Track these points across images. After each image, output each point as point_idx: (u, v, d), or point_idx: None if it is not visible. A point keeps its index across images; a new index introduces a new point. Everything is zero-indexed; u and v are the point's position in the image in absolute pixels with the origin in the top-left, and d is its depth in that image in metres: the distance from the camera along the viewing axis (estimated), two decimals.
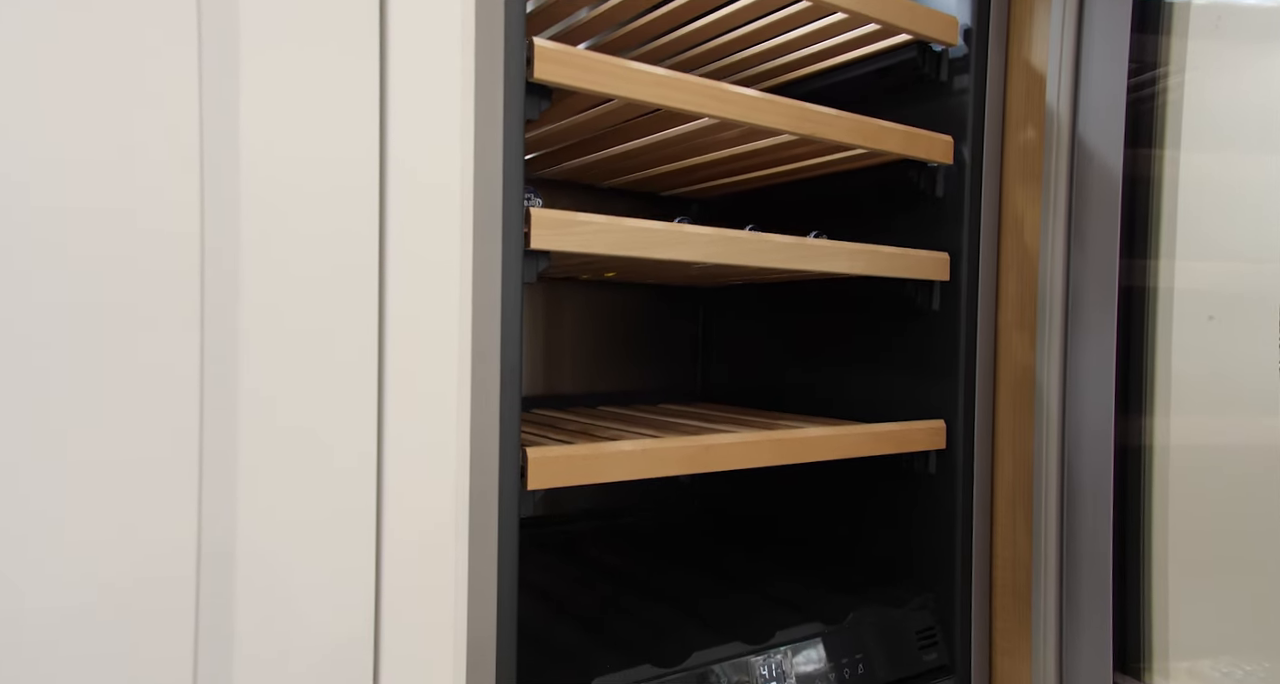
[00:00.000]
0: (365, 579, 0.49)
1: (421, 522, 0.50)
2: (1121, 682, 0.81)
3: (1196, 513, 0.79)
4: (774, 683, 0.69)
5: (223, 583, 0.44)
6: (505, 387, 0.55)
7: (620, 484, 1.13)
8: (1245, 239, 0.75)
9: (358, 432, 0.48)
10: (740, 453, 0.67)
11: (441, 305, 0.51)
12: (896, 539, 0.87)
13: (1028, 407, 0.82)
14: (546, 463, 0.56)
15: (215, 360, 0.44)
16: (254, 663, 0.44)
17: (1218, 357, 0.77)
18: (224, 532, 0.44)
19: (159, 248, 0.42)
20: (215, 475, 0.44)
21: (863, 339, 0.91)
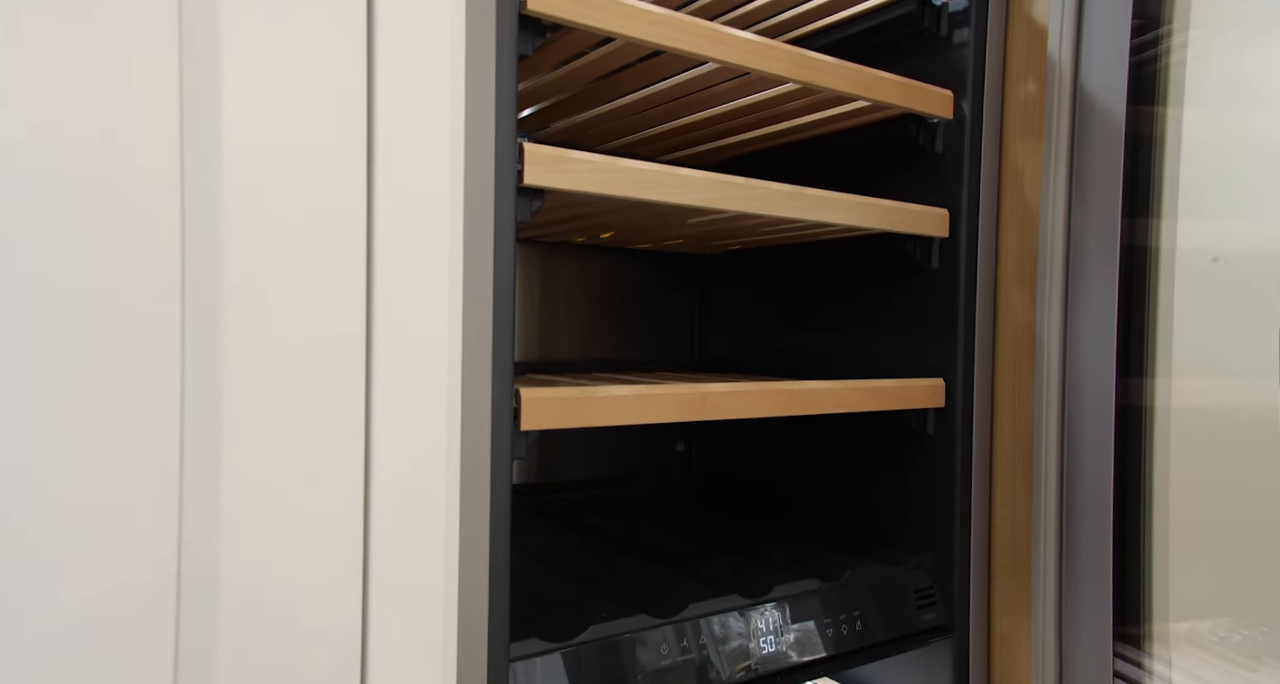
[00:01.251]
0: (354, 519, 0.48)
1: (411, 462, 0.49)
2: (1121, 650, 0.81)
3: (1198, 473, 0.78)
4: (770, 636, 0.68)
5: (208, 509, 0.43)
6: (498, 326, 0.54)
7: (616, 453, 1.12)
8: (1249, 196, 0.75)
9: (347, 369, 0.47)
10: (738, 403, 0.66)
11: (432, 243, 0.50)
12: (896, 501, 0.86)
13: (1028, 365, 0.82)
14: (539, 403, 0.55)
15: (197, 310, 0.43)
16: (237, 595, 0.43)
17: (1221, 315, 0.76)
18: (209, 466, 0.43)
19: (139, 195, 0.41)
20: (198, 416, 0.43)
21: (862, 301, 0.90)
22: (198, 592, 0.42)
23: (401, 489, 0.49)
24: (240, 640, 0.44)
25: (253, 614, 0.44)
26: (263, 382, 0.44)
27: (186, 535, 0.42)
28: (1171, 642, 0.80)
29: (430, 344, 0.50)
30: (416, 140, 0.49)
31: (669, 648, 0.63)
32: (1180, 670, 0.78)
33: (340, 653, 0.47)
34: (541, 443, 1.06)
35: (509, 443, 0.55)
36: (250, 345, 0.44)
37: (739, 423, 1.08)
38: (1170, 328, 0.80)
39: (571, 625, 0.60)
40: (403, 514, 0.49)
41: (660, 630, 0.63)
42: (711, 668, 0.64)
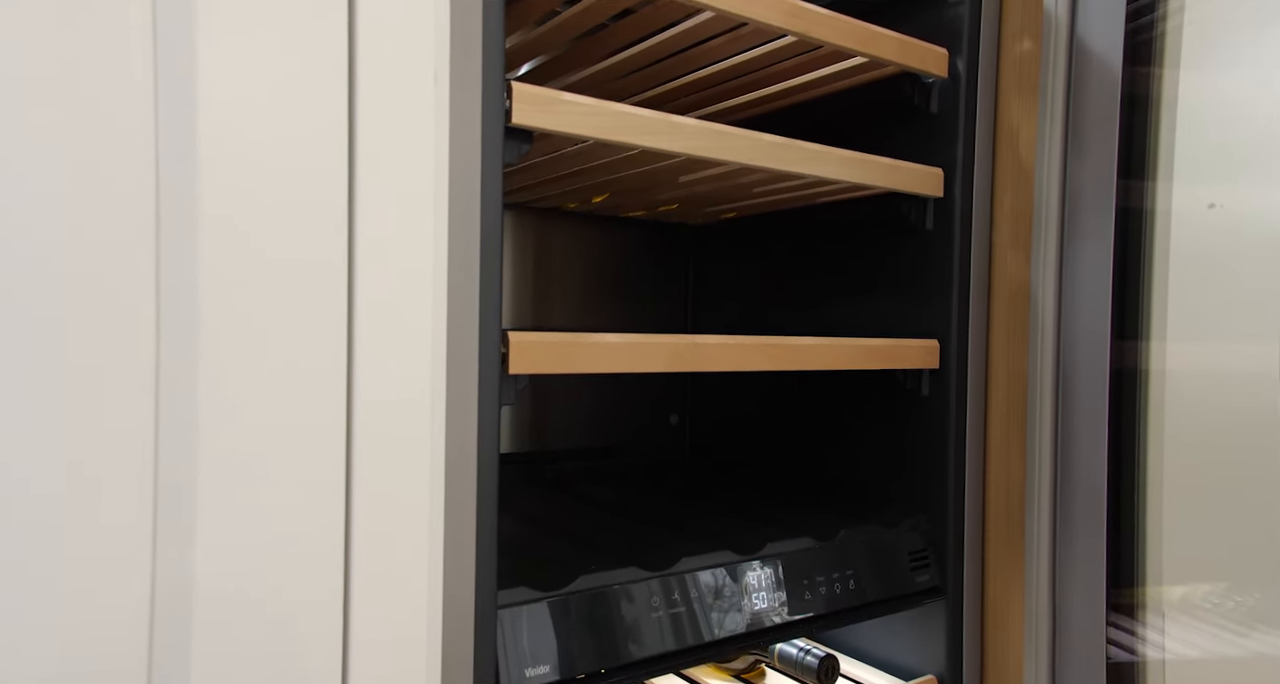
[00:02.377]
0: (336, 464, 0.47)
1: (396, 405, 0.49)
2: (1115, 612, 0.80)
3: (1193, 435, 0.77)
4: (763, 593, 0.68)
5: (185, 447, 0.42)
6: (485, 268, 0.53)
7: (609, 424, 1.12)
8: (1248, 157, 0.74)
9: (330, 314, 0.46)
10: (729, 355, 0.65)
11: (417, 185, 0.49)
12: (890, 465, 0.86)
13: (1023, 326, 0.81)
14: (529, 347, 0.55)
15: (173, 253, 0.42)
16: (218, 508, 0.43)
17: (1217, 279, 0.76)
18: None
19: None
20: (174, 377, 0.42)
21: (856, 267, 0.89)
22: (177, 514, 0.42)
23: (386, 433, 0.48)
24: (220, 574, 0.43)
25: (231, 552, 0.43)
26: (242, 316, 0.43)
27: (164, 463, 0.41)
28: (1165, 606, 0.79)
29: (416, 287, 0.49)
30: (400, 78, 0.48)
31: (659, 600, 0.62)
32: (1173, 634, 0.78)
33: (322, 599, 0.46)
34: (534, 411, 1.06)
35: (497, 387, 0.54)
36: (229, 279, 0.43)
37: (733, 394, 1.07)
38: (1165, 289, 0.79)
39: (561, 577, 0.59)
40: (387, 459, 0.48)
41: (651, 583, 0.62)
42: (702, 622, 0.63)
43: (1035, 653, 0.80)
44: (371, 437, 0.48)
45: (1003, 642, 0.81)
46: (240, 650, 0.43)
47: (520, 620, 0.55)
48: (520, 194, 0.90)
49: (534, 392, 1.06)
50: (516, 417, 1.05)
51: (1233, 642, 0.75)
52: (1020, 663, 0.81)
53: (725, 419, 1.09)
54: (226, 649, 0.43)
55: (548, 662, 0.56)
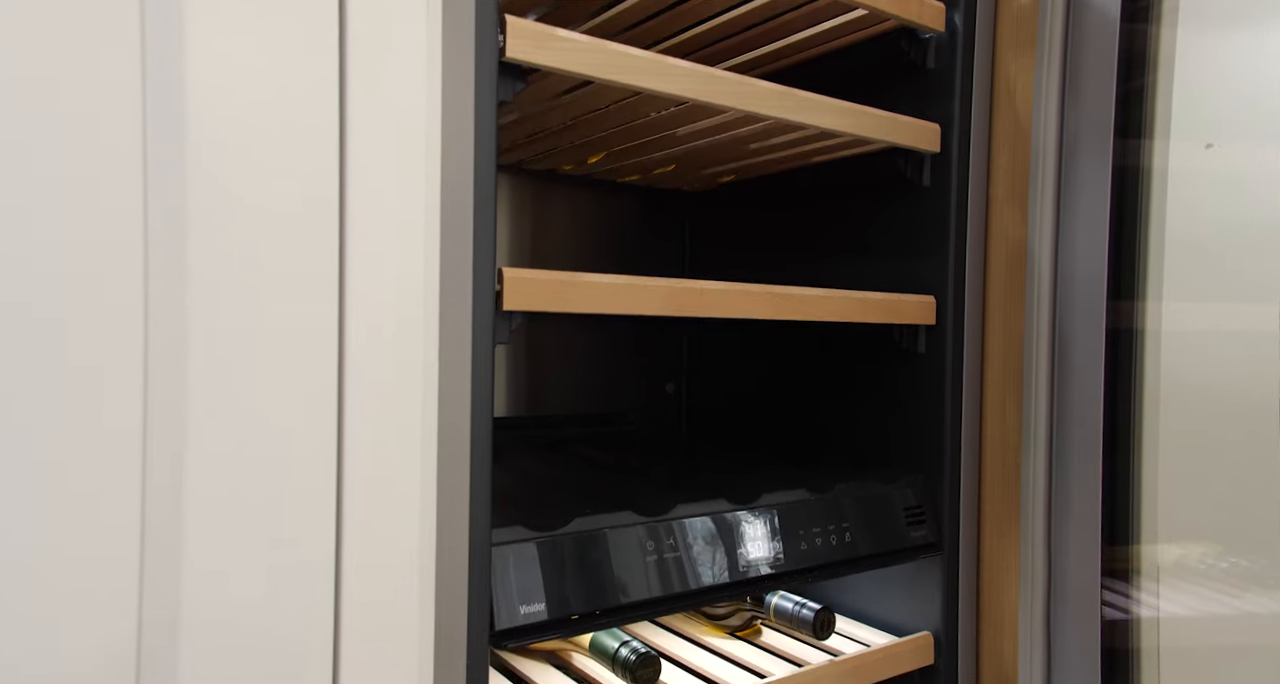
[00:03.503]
0: (328, 396, 0.47)
1: (389, 343, 0.48)
2: (1110, 570, 0.80)
3: (1189, 394, 0.77)
4: (758, 542, 0.68)
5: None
6: (479, 206, 0.53)
7: (606, 391, 1.11)
8: (1247, 115, 0.74)
9: (322, 253, 0.46)
10: (727, 301, 0.65)
11: (410, 120, 0.49)
12: (886, 425, 0.86)
13: (1019, 282, 0.81)
14: (523, 284, 0.54)
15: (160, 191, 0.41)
16: (207, 465, 0.42)
17: (1214, 233, 0.76)
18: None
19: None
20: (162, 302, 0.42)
21: (852, 226, 0.89)
22: (168, 424, 0.41)
23: (378, 373, 0.48)
24: (210, 513, 0.43)
25: (225, 478, 0.43)
26: (234, 257, 0.43)
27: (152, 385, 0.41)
28: (1160, 565, 0.79)
29: (409, 224, 0.49)
30: (393, 9, 0.48)
31: (654, 545, 0.62)
32: (1168, 592, 0.78)
33: (314, 539, 0.46)
34: (530, 378, 1.05)
35: (491, 324, 0.54)
36: (219, 222, 0.43)
37: (729, 362, 1.07)
38: (1162, 247, 0.79)
39: (556, 519, 0.59)
40: (380, 399, 0.48)
41: (646, 527, 0.62)
42: (696, 567, 0.63)
43: (1030, 609, 0.80)
44: (364, 377, 0.47)
45: (998, 598, 0.81)
46: (232, 569, 0.43)
47: (515, 558, 0.55)
48: (515, 152, 0.90)
49: (530, 358, 1.06)
50: (513, 382, 1.04)
51: (1227, 601, 0.75)
52: (1015, 619, 0.81)
53: (722, 387, 1.09)
54: (217, 587, 0.43)
55: (542, 600, 0.55)
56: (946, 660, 0.80)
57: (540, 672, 0.72)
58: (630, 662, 0.63)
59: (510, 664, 0.74)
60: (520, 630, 0.54)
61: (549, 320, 1.07)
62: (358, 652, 0.47)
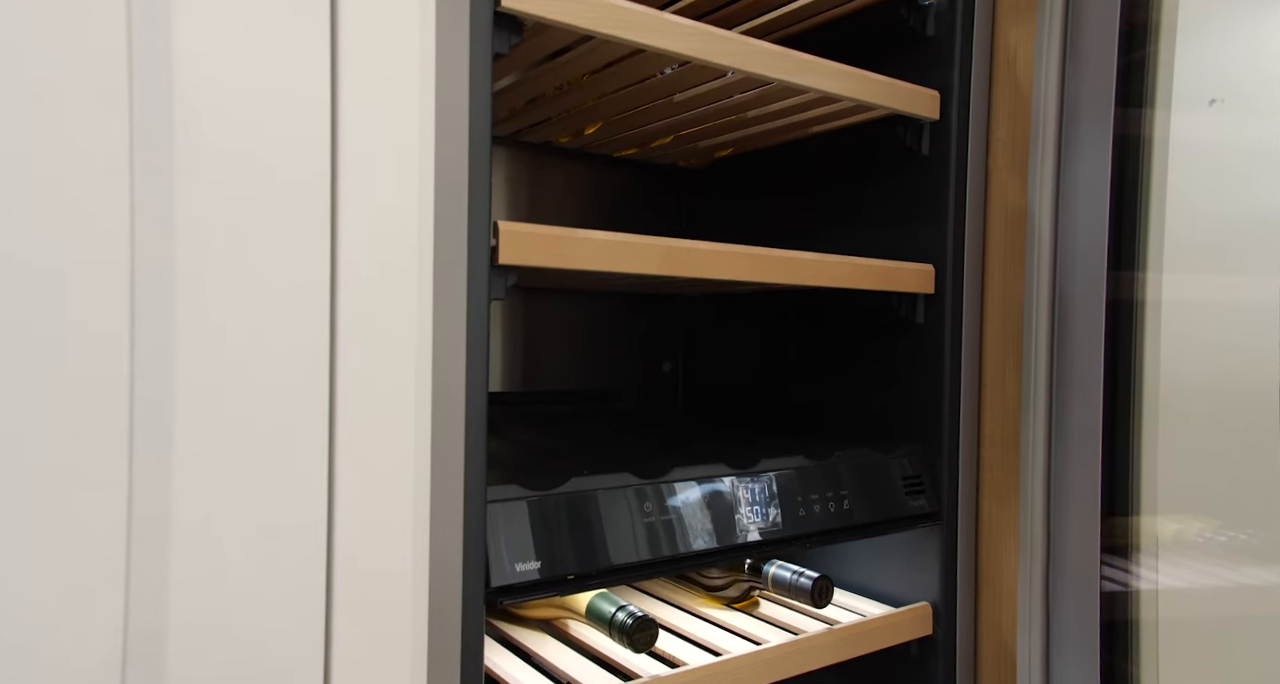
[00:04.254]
0: (320, 354, 0.46)
1: (384, 302, 0.48)
2: (1109, 541, 0.80)
3: (1190, 364, 0.77)
4: (756, 507, 0.67)
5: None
6: (474, 158, 0.52)
7: (602, 368, 1.11)
8: (1251, 81, 0.73)
9: (315, 209, 0.45)
10: (722, 262, 0.64)
11: (403, 72, 0.48)
12: (885, 397, 0.85)
13: (1019, 251, 0.80)
14: (519, 238, 0.54)
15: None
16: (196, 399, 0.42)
17: (1216, 204, 0.75)
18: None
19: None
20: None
21: (852, 197, 0.89)
22: (155, 378, 0.41)
23: (372, 330, 0.47)
24: (204, 450, 0.42)
25: (215, 434, 0.42)
26: (224, 211, 0.42)
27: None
28: (1160, 536, 0.79)
29: (403, 178, 0.48)
30: None
31: (652, 507, 0.61)
32: (1168, 563, 0.78)
33: (306, 496, 0.45)
34: (527, 355, 1.05)
35: (486, 279, 0.53)
36: (208, 175, 0.42)
37: (726, 340, 1.06)
38: (1163, 216, 0.78)
39: (553, 479, 0.59)
40: (374, 356, 0.47)
41: (643, 488, 0.61)
42: (692, 530, 0.63)
43: (1029, 580, 0.80)
44: (357, 332, 0.47)
45: (997, 569, 0.81)
46: (222, 530, 0.42)
47: (510, 516, 0.55)
48: (512, 122, 0.89)
49: (527, 334, 1.05)
50: (509, 358, 1.04)
51: (1226, 572, 0.75)
52: (1014, 590, 0.80)
53: (719, 366, 1.08)
54: (208, 551, 0.42)
55: (538, 559, 0.55)
56: (945, 631, 0.79)
57: (537, 641, 0.72)
58: (627, 626, 0.62)
59: (507, 633, 0.74)
60: (516, 588, 0.54)
61: (546, 296, 1.06)
62: (351, 609, 0.46)
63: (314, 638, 0.41)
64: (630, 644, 0.62)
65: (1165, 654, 0.78)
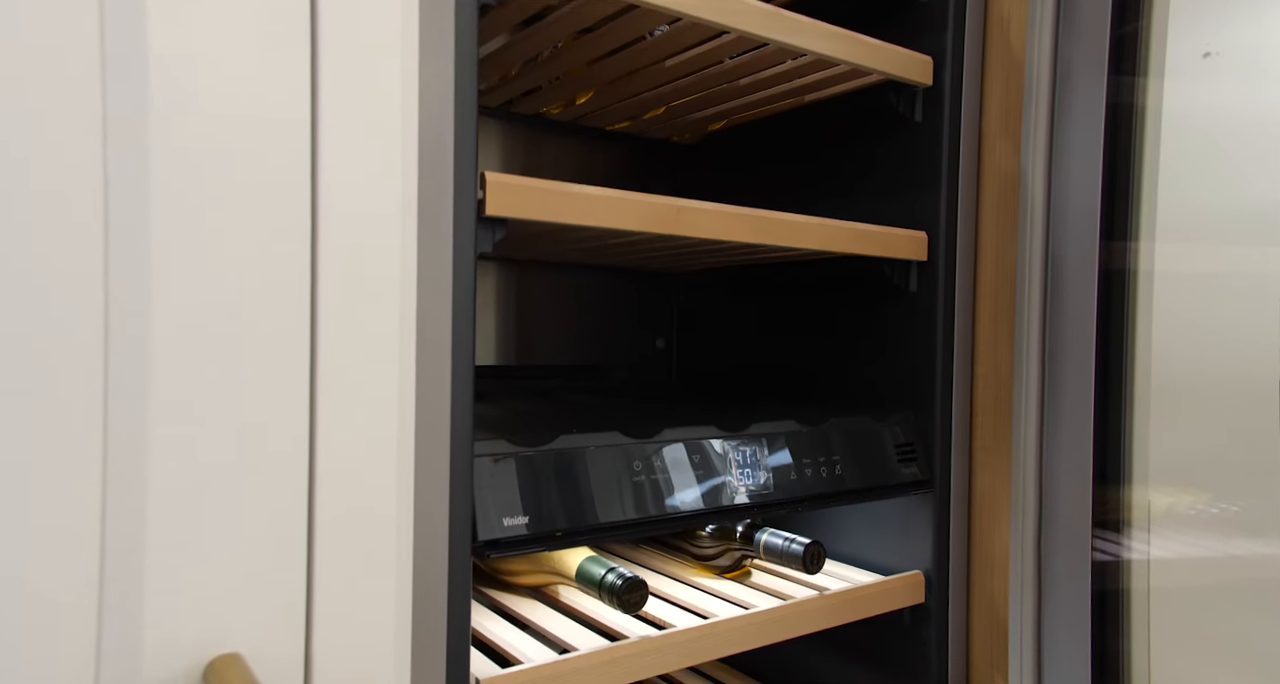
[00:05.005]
0: (301, 302, 0.45)
1: (369, 254, 0.47)
2: (1100, 509, 0.80)
3: (1183, 332, 0.77)
4: (746, 469, 0.67)
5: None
6: (460, 106, 0.52)
7: (595, 343, 1.10)
8: (1245, 45, 0.73)
9: (296, 161, 0.44)
10: (715, 222, 0.64)
11: (384, 21, 0.48)
12: (879, 365, 0.85)
13: (1012, 219, 0.80)
14: (507, 189, 0.53)
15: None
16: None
17: (1210, 174, 0.75)
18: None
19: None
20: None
21: (845, 167, 0.88)
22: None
23: (356, 283, 0.46)
24: (180, 399, 0.41)
25: (192, 381, 0.42)
26: (198, 162, 0.42)
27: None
28: (1151, 505, 0.79)
29: (385, 126, 0.48)
30: None
31: (641, 466, 0.61)
32: (1159, 533, 0.78)
33: (288, 450, 0.44)
34: (520, 329, 1.04)
35: (473, 231, 0.53)
36: (180, 128, 0.41)
37: (718, 315, 1.06)
38: (1155, 182, 0.78)
39: (543, 437, 0.58)
40: (356, 302, 0.47)
41: (633, 447, 0.61)
42: (682, 491, 0.62)
43: (1021, 548, 0.80)
44: (340, 282, 0.46)
45: (989, 536, 0.81)
46: (203, 477, 0.42)
47: (498, 471, 0.54)
48: (504, 89, 0.88)
49: (519, 309, 1.04)
50: (501, 333, 1.03)
51: (1217, 543, 0.75)
52: (1007, 559, 0.80)
53: (712, 343, 1.08)
54: (187, 502, 0.41)
55: (525, 514, 0.54)
56: (937, 598, 0.79)
57: (527, 607, 0.71)
58: (617, 587, 0.62)
59: (497, 601, 0.73)
60: (503, 542, 0.53)
61: (538, 271, 1.05)
62: (334, 562, 0.45)
63: (295, 586, 0.41)
64: (620, 605, 0.62)
65: (1156, 623, 0.78)
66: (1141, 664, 0.78)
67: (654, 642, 0.61)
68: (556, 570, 0.69)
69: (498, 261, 1.02)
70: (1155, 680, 0.78)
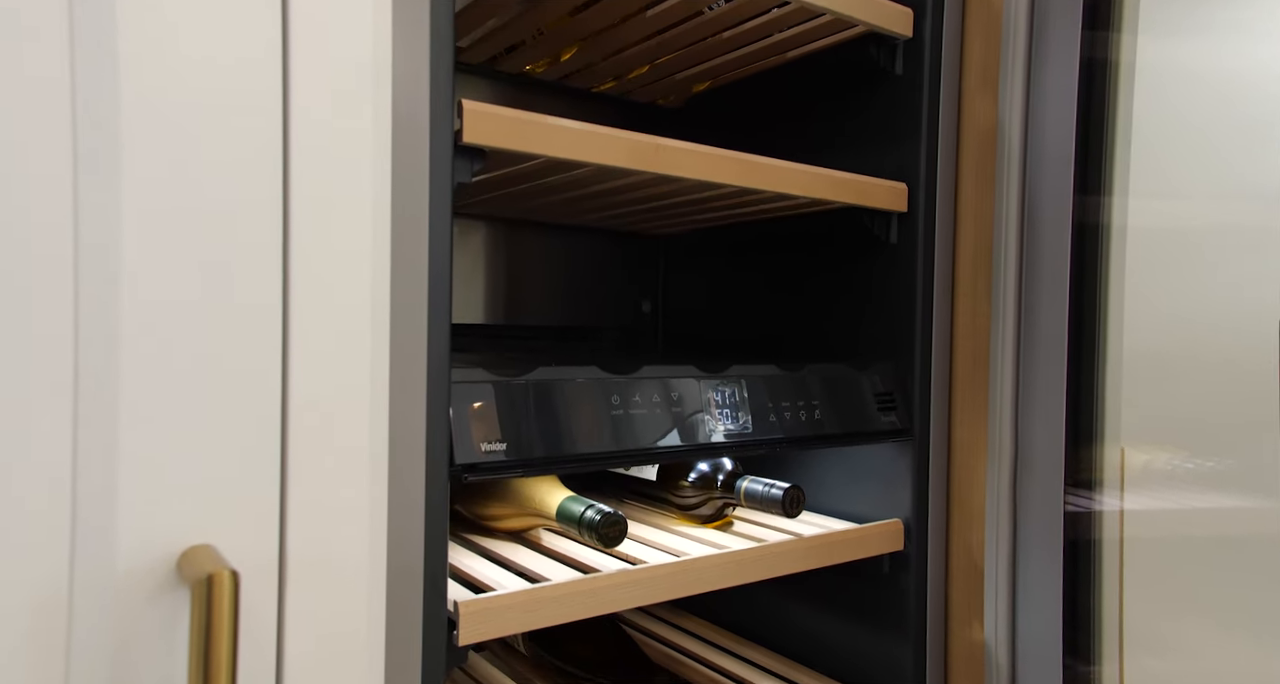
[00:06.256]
0: (272, 229, 0.45)
1: (341, 172, 0.47)
2: (1075, 459, 0.81)
3: (1156, 284, 0.77)
4: (725, 410, 0.68)
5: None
6: (436, 27, 0.52)
7: (581, 308, 1.11)
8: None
9: (261, 73, 0.45)
10: (694, 162, 0.65)
11: None
12: (860, 321, 0.85)
13: (991, 171, 0.81)
14: (485, 117, 0.54)
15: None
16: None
17: (1182, 129, 0.76)
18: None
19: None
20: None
21: (824, 125, 0.89)
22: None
23: (325, 201, 0.46)
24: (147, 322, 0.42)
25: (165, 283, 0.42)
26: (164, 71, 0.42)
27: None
28: (1124, 457, 0.79)
29: (357, 53, 0.48)
30: None
31: (619, 399, 0.62)
32: (1132, 484, 0.78)
33: (261, 369, 0.44)
34: (509, 289, 1.05)
35: (450, 161, 0.53)
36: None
37: (704, 277, 1.07)
38: (1129, 135, 0.79)
39: (521, 369, 0.59)
40: (327, 227, 0.46)
41: (611, 381, 0.62)
42: (661, 427, 0.63)
43: (997, 497, 0.81)
44: (311, 205, 0.46)
45: (967, 485, 0.82)
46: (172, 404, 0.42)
47: (476, 397, 0.55)
48: (487, 44, 0.89)
49: (509, 269, 1.05)
50: (490, 292, 1.04)
51: (1188, 495, 0.75)
52: (984, 507, 0.81)
53: (697, 306, 1.08)
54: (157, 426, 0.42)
55: (504, 441, 0.55)
56: (916, 546, 0.80)
57: (508, 549, 0.72)
58: (595, 521, 0.63)
59: (478, 543, 0.74)
60: (480, 466, 0.54)
61: (526, 232, 1.06)
62: (308, 468, 0.45)
63: (269, 485, 0.41)
64: (600, 539, 0.63)
65: (1127, 573, 0.79)
66: (1112, 612, 0.79)
67: (633, 574, 0.62)
68: (538, 512, 0.70)
69: (486, 221, 1.03)
70: (1124, 627, 0.79)
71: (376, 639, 0.45)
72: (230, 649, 0.33)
